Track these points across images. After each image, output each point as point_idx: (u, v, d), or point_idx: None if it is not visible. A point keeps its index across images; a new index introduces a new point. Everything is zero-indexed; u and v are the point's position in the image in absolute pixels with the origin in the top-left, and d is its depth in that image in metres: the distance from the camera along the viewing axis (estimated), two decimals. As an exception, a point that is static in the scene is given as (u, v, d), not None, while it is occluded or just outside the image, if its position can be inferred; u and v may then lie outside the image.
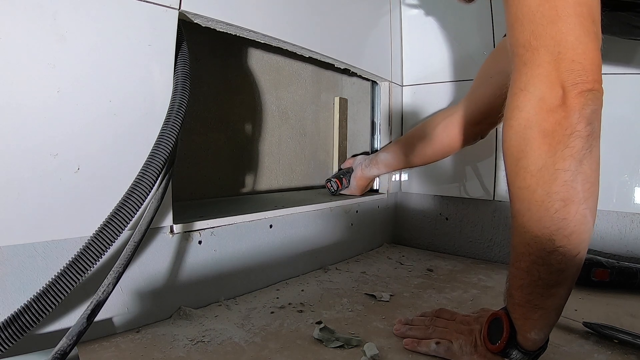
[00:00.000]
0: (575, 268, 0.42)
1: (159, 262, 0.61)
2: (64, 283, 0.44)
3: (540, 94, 0.39)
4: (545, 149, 0.39)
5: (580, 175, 0.39)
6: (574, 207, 0.39)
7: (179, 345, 0.54)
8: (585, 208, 0.40)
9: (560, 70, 0.38)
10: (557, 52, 0.38)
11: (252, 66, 1.02)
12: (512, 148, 0.42)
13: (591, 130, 0.39)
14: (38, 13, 0.47)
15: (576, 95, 0.38)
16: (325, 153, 1.28)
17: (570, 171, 0.39)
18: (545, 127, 0.39)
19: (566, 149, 0.39)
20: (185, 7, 0.60)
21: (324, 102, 1.26)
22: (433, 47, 1.18)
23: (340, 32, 0.96)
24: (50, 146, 0.49)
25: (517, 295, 0.45)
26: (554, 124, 0.39)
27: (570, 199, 0.39)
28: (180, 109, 0.57)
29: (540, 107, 0.39)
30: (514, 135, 0.42)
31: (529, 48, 0.40)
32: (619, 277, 0.78)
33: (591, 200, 0.40)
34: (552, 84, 0.39)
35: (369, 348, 0.54)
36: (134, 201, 0.49)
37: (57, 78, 0.49)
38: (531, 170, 0.40)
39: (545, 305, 0.43)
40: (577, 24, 0.38)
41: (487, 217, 1.08)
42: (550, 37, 0.39)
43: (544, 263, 0.41)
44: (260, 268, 0.78)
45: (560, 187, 0.39)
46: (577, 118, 0.38)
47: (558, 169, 0.39)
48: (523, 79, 0.41)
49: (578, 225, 0.40)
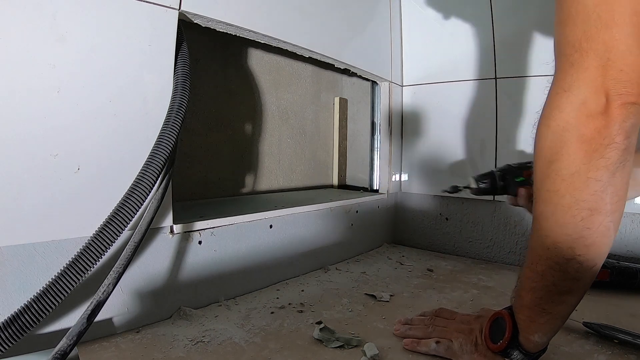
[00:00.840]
0: (589, 279, 0.41)
1: (159, 262, 0.61)
2: (64, 283, 0.44)
3: (583, 98, 0.38)
4: (581, 155, 0.38)
5: (610, 187, 0.38)
6: (600, 218, 0.39)
7: (179, 345, 0.54)
8: (610, 221, 0.39)
9: (607, 78, 0.37)
10: (606, 58, 0.37)
11: (252, 66, 1.02)
12: (546, 149, 0.41)
13: (628, 143, 0.38)
14: (38, 13, 0.47)
15: (619, 106, 0.37)
16: (325, 153, 1.28)
17: (602, 182, 0.38)
18: (584, 133, 0.38)
19: (601, 159, 0.38)
20: (185, 7, 0.60)
21: (324, 102, 1.26)
22: (433, 47, 1.18)
23: (340, 32, 0.96)
24: (50, 146, 0.49)
25: (527, 297, 0.45)
26: (593, 131, 0.38)
27: (597, 210, 0.39)
28: (180, 109, 0.57)
29: (581, 112, 0.38)
30: (550, 135, 0.41)
31: (578, 49, 0.39)
32: (619, 277, 0.78)
33: (617, 214, 0.40)
34: (596, 89, 0.38)
35: (369, 348, 0.54)
36: (134, 201, 0.49)
37: (57, 78, 0.49)
38: (563, 174, 0.40)
39: (553, 311, 0.43)
40: (631, 33, 0.37)
41: (487, 217, 1.08)
42: (602, 42, 0.37)
43: (561, 269, 0.41)
44: (260, 268, 0.78)
45: (590, 196, 0.38)
46: (617, 129, 0.37)
47: (590, 178, 0.38)
48: (568, 80, 0.40)
49: (600, 237, 0.39)
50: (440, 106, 1.16)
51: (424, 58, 1.21)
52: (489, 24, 1.05)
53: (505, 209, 1.05)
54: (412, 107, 1.23)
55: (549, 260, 0.42)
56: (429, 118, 1.19)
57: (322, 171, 1.28)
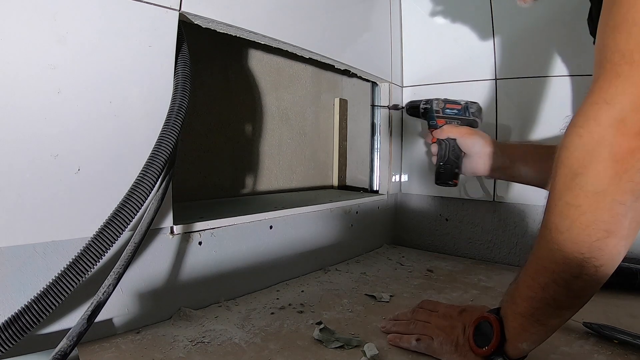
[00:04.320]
0: (590, 296, 0.41)
1: (159, 263, 0.61)
2: (64, 284, 0.44)
3: (624, 115, 0.36)
4: (611, 174, 0.36)
5: (631, 212, 0.37)
6: (614, 241, 0.38)
7: (179, 346, 0.54)
8: (624, 245, 0.38)
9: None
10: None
11: (252, 67, 1.02)
12: (574, 160, 0.39)
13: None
14: (38, 14, 0.47)
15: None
16: (325, 154, 1.28)
17: (625, 206, 0.37)
18: (618, 152, 0.36)
19: (630, 182, 0.36)
20: (186, 8, 0.60)
21: (324, 103, 1.26)
22: (433, 48, 1.19)
23: (340, 33, 0.96)
24: (51, 147, 0.49)
25: (523, 306, 0.44)
26: (627, 151, 0.36)
27: (614, 233, 0.37)
28: (180, 110, 0.57)
29: (619, 129, 0.36)
30: (580, 146, 0.38)
31: (629, 60, 0.36)
32: (618, 278, 0.78)
33: (631, 239, 0.39)
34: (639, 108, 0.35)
35: (368, 348, 0.54)
36: (134, 202, 0.49)
37: (57, 79, 0.49)
38: (587, 190, 0.37)
39: (547, 323, 0.43)
40: None
41: (487, 218, 1.09)
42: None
43: (565, 285, 0.40)
44: (261, 269, 0.78)
45: (611, 218, 0.37)
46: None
47: (615, 200, 0.37)
48: (611, 91, 0.37)
49: (611, 259, 0.38)
50: (440, 107, 1.16)
51: (424, 59, 1.21)
52: (489, 24, 1.05)
53: (505, 209, 1.06)
54: (412, 108, 1.23)
55: (554, 274, 0.40)
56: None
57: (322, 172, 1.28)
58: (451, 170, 0.78)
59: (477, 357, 0.48)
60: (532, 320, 0.43)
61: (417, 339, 0.54)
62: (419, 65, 1.22)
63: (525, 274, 0.44)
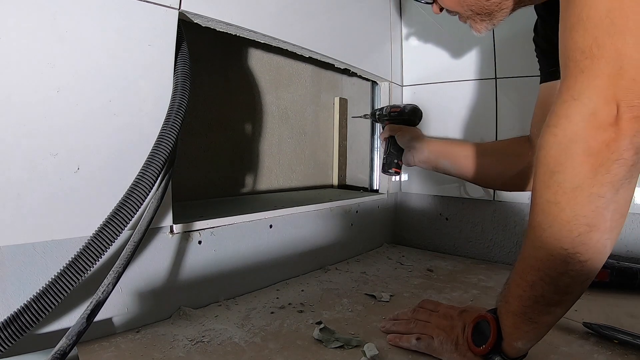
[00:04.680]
0: (579, 292, 0.41)
1: (158, 262, 0.61)
2: (63, 283, 0.44)
3: (593, 108, 0.36)
4: (587, 168, 0.37)
5: (613, 204, 0.37)
6: (597, 235, 0.38)
7: (179, 345, 0.54)
8: (608, 238, 0.38)
9: (619, 87, 0.35)
10: (618, 66, 0.35)
11: (252, 66, 1.02)
12: (550, 158, 0.39)
13: (636, 160, 0.36)
14: (38, 13, 0.47)
15: (630, 119, 0.35)
16: (325, 153, 1.28)
17: (605, 198, 0.37)
18: (592, 145, 0.36)
19: (607, 174, 0.36)
20: (185, 7, 0.60)
21: (324, 102, 1.26)
22: (433, 48, 1.18)
23: (340, 32, 0.96)
24: (50, 146, 0.49)
25: (514, 304, 0.44)
26: (602, 143, 0.36)
27: (596, 227, 0.37)
28: (180, 109, 0.57)
29: (591, 122, 0.36)
30: (555, 145, 0.39)
31: (589, 55, 0.37)
32: (618, 278, 0.78)
33: (615, 231, 0.39)
34: (607, 99, 0.36)
35: (368, 348, 0.54)
36: (133, 201, 0.49)
37: (56, 78, 0.48)
38: (565, 187, 0.38)
39: (539, 321, 0.43)
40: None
41: (487, 218, 1.08)
42: (615, 49, 0.35)
43: (552, 283, 0.40)
44: (260, 268, 0.78)
45: (590, 212, 0.37)
46: (626, 144, 0.35)
47: (593, 193, 0.37)
48: (577, 87, 0.38)
49: (596, 253, 0.38)
50: (441, 106, 1.16)
51: (424, 58, 1.21)
52: (489, 24, 1.05)
53: (505, 209, 1.05)
54: (412, 107, 1.23)
55: (540, 272, 0.41)
56: (429, 118, 1.19)
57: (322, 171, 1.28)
58: (392, 161, 0.91)
59: (476, 357, 0.48)
60: (525, 319, 0.43)
61: (418, 338, 0.54)
62: (419, 64, 1.22)
63: (515, 273, 0.45)
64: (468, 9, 0.64)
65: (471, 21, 0.67)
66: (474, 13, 0.65)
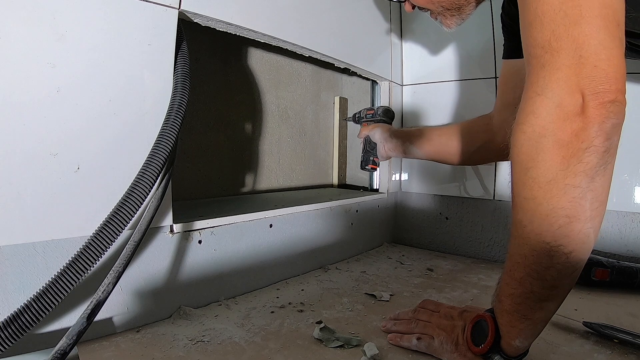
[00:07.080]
0: (569, 285, 0.41)
1: (158, 262, 0.61)
2: (63, 282, 0.44)
3: (558, 100, 0.36)
4: (558, 161, 0.37)
5: (590, 193, 0.37)
6: (579, 226, 0.37)
7: (179, 344, 0.54)
8: (590, 227, 0.38)
9: (581, 76, 0.35)
10: (578, 55, 0.35)
11: (252, 65, 1.02)
12: (523, 155, 0.40)
13: (609, 145, 0.36)
14: (38, 12, 0.46)
15: (597, 106, 0.35)
16: (325, 152, 1.28)
17: (581, 188, 0.36)
18: (561, 137, 0.36)
19: (579, 164, 0.36)
20: (185, 7, 0.60)
21: (324, 102, 1.26)
22: (433, 47, 1.18)
23: (340, 31, 0.96)
24: (50, 146, 0.49)
25: (507, 303, 0.44)
26: (571, 134, 0.36)
27: (576, 217, 0.37)
28: (180, 108, 0.57)
29: (557, 115, 0.36)
30: (526, 142, 0.39)
31: (548, 49, 0.37)
32: (619, 277, 0.78)
33: (597, 219, 0.38)
34: (571, 90, 0.36)
35: (369, 348, 0.54)
36: (133, 200, 0.49)
37: (56, 77, 0.48)
38: (540, 181, 0.38)
39: (533, 317, 0.43)
40: (602, 27, 0.35)
41: (487, 217, 1.08)
42: (572, 40, 0.36)
43: (539, 277, 0.40)
44: (260, 267, 0.78)
45: (568, 204, 0.37)
46: (595, 131, 0.35)
47: (568, 184, 0.37)
48: (540, 83, 0.38)
49: (579, 244, 0.38)
50: (440, 105, 1.16)
51: (423, 57, 1.21)
52: (489, 23, 1.05)
53: (505, 208, 1.05)
54: (412, 107, 1.23)
55: (527, 268, 0.41)
56: (429, 117, 1.19)
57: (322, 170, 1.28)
58: (368, 158, 0.97)
59: (476, 356, 0.48)
60: (518, 316, 0.43)
61: (418, 337, 0.54)
62: (419, 63, 1.22)
63: (504, 272, 0.45)
64: (439, 5, 0.68)
65: (442, 17, 0.70)
66: (445, 9, 0.68)
